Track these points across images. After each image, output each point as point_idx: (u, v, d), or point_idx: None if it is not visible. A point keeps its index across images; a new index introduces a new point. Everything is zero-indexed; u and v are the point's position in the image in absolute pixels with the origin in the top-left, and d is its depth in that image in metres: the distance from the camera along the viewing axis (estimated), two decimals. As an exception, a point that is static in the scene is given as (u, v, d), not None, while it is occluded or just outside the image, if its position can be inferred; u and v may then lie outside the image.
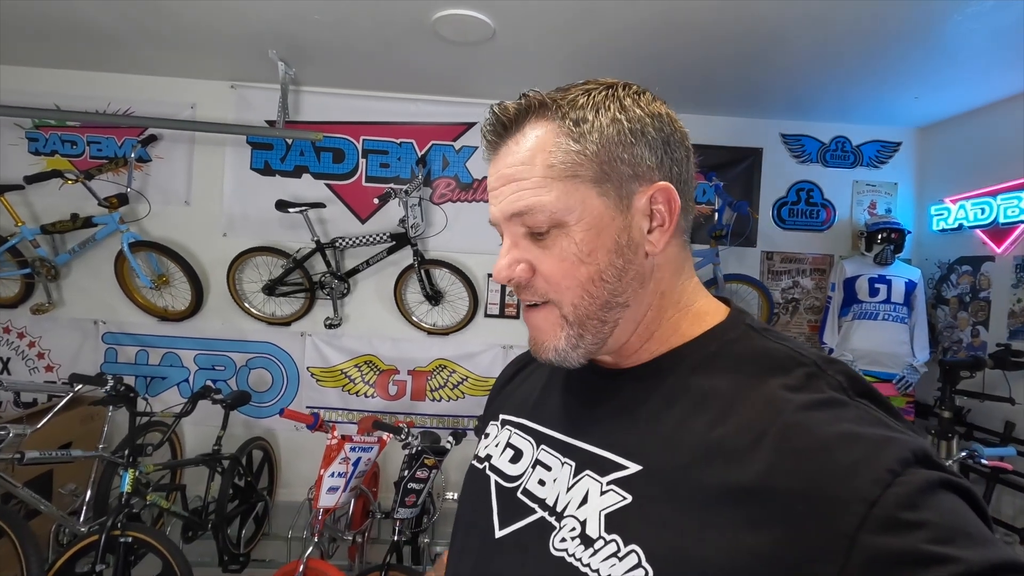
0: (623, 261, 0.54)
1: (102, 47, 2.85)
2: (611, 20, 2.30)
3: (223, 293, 3.23)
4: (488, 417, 0.78)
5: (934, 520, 0.38)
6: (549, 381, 0.70)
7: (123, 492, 1.99)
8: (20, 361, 3.24)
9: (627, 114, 0.54)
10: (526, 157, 0.54)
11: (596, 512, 0.52)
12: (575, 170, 0.53)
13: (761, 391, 0.50)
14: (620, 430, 0.56)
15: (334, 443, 1.96)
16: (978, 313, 2.97)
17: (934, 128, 3.33)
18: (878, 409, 0.47)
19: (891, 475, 0.40)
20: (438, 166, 3.33)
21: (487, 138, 0.58)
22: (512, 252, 0.57)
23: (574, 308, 0.55)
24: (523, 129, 0.55)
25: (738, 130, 3.38)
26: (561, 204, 0.53)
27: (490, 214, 0.59)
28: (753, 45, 2.48)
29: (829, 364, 0.51)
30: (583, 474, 0.55)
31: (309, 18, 2.41)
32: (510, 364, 0.84)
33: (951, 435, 2.59)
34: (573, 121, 0.53)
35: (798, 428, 0.45)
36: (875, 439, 0.43)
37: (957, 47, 2.39)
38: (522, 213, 0.54)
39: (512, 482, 0.63)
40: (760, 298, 3.33)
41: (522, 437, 0.67)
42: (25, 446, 2.05)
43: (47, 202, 3.15)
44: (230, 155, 3.26)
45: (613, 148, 0.53)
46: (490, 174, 0.58)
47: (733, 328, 0.57)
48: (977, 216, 2.97)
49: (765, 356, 0.53)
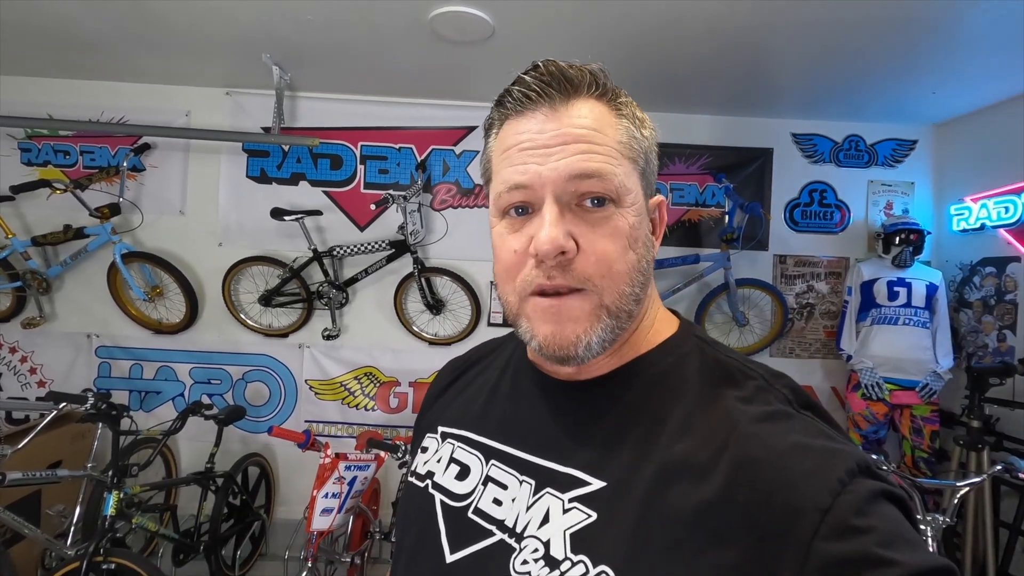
0: (650, 256, 0.55)
1: (95, 55, 2.79)
2: (615, 17, 2.20)
3: (218, 304, 3.14)
4: (424, 429, 0.72)
5: (879, 526, 0.40)
6: (494, 391, 0.66)
7: (106, 515, 1.89)
8: (12, 377, 3.16)
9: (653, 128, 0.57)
10: (596, 124, 0.51)
11: (560, 532, 0.49)
12: (636, 155, 0.53)
13: (717, 404, 0.50)
14: (580, 445, 0.54)
15: (327, 462, 1.85)
16: (1004, 317, 2.84)
17: (952, 124, 3.21)
18: (821, 421, 0.49)
19: (840, 484, 0.42)
20: (438, 171, 3.24)
21: (539, 89, 0.51)
22: (563, 222, 0.50)
23: (619, 296, 0.51)
24: (589, 97, 0.52)
25: (747, 130, 3.27)
26: (627, 181, 0.52)
27: (521, 174, 0.51)
28: (761, 44, 2.39)
29: (775, 378, 0.52)
30: (543, 492, 0.53)
31: (302, 19, 2.34)
32: (445, 370, 0.79)
33: (981, 446, 2.45)
34: (631, 113, 0.54)
35: (753, 439, 0.46)
36: (823, 450, 0.44)
37: (976, 39, 2.28)
38: (591, 175, 0.50)
39: (460, 501, 0.59)
40: (774, 303, 3.20)
41: (468, 452, 0.62)
42: (7, 466, 1.96)
43: (39, 213, 3.08)
44: (225, 163, 3.19)
45: (651, 152, 0.56)
46: (530, 130, 0.51)
47: (685, 340, 0.58)
48: (1001, 215, 2.84)
49: (718, 369, 0.54)
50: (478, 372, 0.72)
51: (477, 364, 0.74)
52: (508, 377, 0.66)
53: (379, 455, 2.00)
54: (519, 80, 0.53)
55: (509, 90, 0.53)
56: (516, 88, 0.52)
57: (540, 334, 0.52)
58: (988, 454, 2.45)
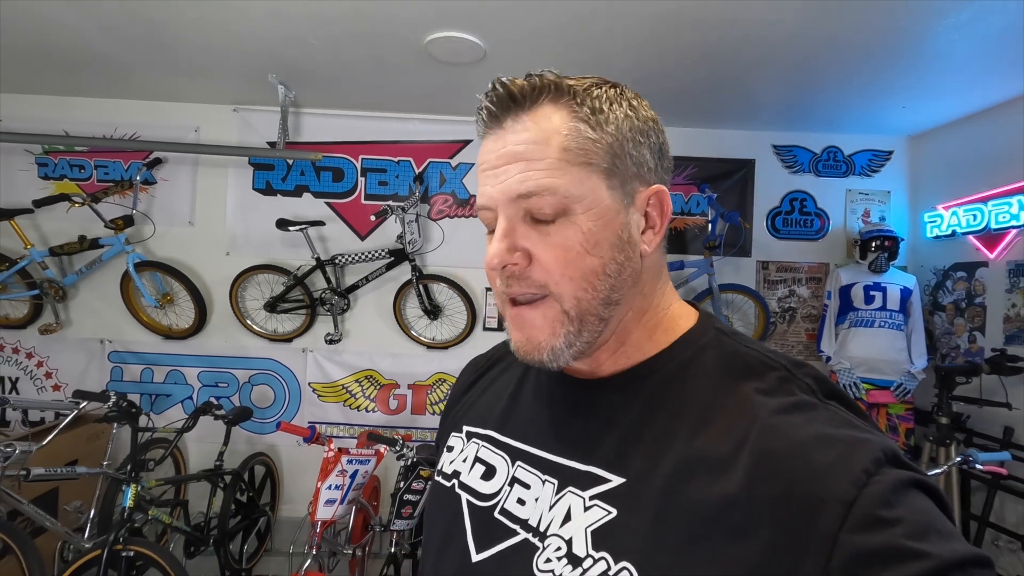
0: (623, 257, 0.53)
1: (109, 75, 2.95)
2: (599, 37, 2.35)
3: (226, 311, 3.29)
4: (449, 428, 0.73)
5: (908, 517, 0.39)
6: (517, 390, 0.67)
7: (125, 507, 2.03)
8: (28, 380, 3.31)
9: (636, 113, 0.54)
10: (539, 136, 0.51)
11: (582, 529, 0.50)
12: (589, 158, 0.51)
13: (737, 396, 0.50)
14: (599, 443, 0.54)
15: (331, 455, 1.99)
16: (974, 319, 2.98)
17: (925, 136, 3.37)
18: (847, 410, 0.48)
19: (866, 475, 0.41)
20: (435, 183, 3.40)
21: (489, 110, 0.53)
22: (509, 237, 0.52)
23: (577, 302, 0.52)
24: (535, 108, 0.52)
25: (730, 142, 3.42)
26: (574, 190, 0.51)
27: (482, 196, 0.54)
28: (743, 61, 2.53)
29: (798, 367, 0.52)
30: (565, 490, 0.54)
31: (306, 43, 2.49)
32: (467, 369, 0.80)
33: (949, 441, 2.58)
34: (590, 109, 0.52)
35: (774, 431, 0.46)
36: (848, 440, 0.43)
37: (940, 57, 2.42)
38: (530, 195, 0.51)
39: (487, 501, 0.60)
40: (756, 308, 3.34)
41: (493, 452, 0.63)
42: (31, 463, 2.09)
43: (55, 225, 3.24)
44: (233, 176, 3.35)
45: (624, 143, 0.53)
46: (486, 151, 0.54)
47: (704, 333, 0.57)
48: (969, 222, 2.98)
49: (737, 360, 0.53)
50: (501, 370, 0.73)
51: (499, 362, 0.75)
52: (531, 377, 0.67)
53: (379, 450, 2.14)
54: (480, 103, 0.54)
55: (477, 111, 0.55)
56: (478, 110, 0.55)
57: (513, 339, 0.56)
58: (956, 448, 2.58)
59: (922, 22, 2.15)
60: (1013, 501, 2.69)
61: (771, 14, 2.13)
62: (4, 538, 1.93)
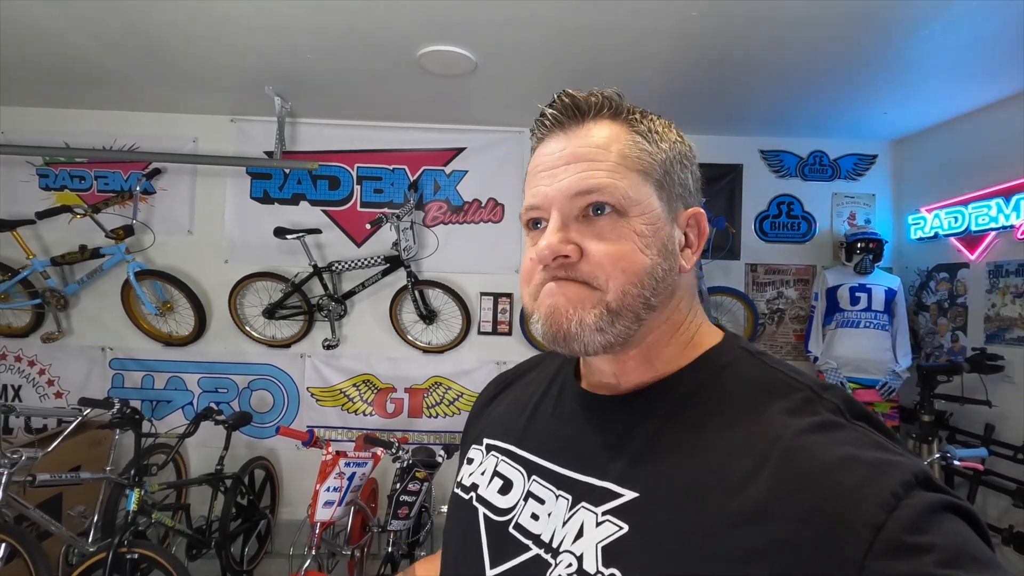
0: (668, 265, 0.55)
1: (109, 87, 3.01)
2: (589, 49, 2.43)
3: (225, 318, 3.35)
4: (470, 440, 0.75)
5: (940, 543, 0.38)
6: (539, 404, 0.68)
7: (129, 510, 2.09)
8: (31, 388, 3.36)
9: (683, 141, 0.59)
10: (602, 142, 0.55)
11: (592, 545, 0.50)
12: (645, 167, 0.55)
13: (759, 414, 0.49)
14: (615, 458, 0.54)
15: (329, 458, 2.05)
16: (956, 319, 3.05)
17: (908, 140, 3.44)
18: (876, 432, 0.47)
19: (895, 499, 0.39)
20: (430, 190, 3.47)
21: (553, 118, 0.57)
22: (563, 230, 0.54)
23: (623, 295, 0.53)
24: (598, 118, 0.56)
25: (718, 147, 3.50)
26: (632, 193, 0.53)
27: (534, 196, 0.57)
28: (729, 68, 2.60)
29: (825, 389, 0.51)
30: (579, 506, 0.54)
31: (302, 56, 2.56)
32: (492, 383, 0.81)
33: (931, 438, 2.66)
34: (647, 128, 0.57)
35: (799, 452, 0.45)
36: (876, 462, 0.42)
37: (919, 65, 2.50)
38: (591, 191, 0.53)
39: (503, 515, 0.60)
40: (745, 310, 3.42)
41: (511, 466, 0.64)
42: (36, 469, 2.14)
43: (57, 235, 3.30)
44: (231, 185, 3.41)
45: (674, 163, 0.57)
46: (544, 154, 0.57)
47: (728, 351, 0.58)
48: (951, 225, 3.06)
49: (761, 379, 0.53)
50: (524, 385, 0.74)
51: (523, 377, 0.77)
52: (553, 393, 0.67)
53: (376, 453, 2.20)
54: (543, 111, 0.58)
55: (538, 119, 0.59)
56: (539, 118, 0.59)
57: (543, 307, 0.55)
58: (938, 445, 2.66)
59: (903, 31, 2.23)
60: (995, 496, 2.76)
61: (758, 24, 2.19)
62: (12, 542, 1.98)
